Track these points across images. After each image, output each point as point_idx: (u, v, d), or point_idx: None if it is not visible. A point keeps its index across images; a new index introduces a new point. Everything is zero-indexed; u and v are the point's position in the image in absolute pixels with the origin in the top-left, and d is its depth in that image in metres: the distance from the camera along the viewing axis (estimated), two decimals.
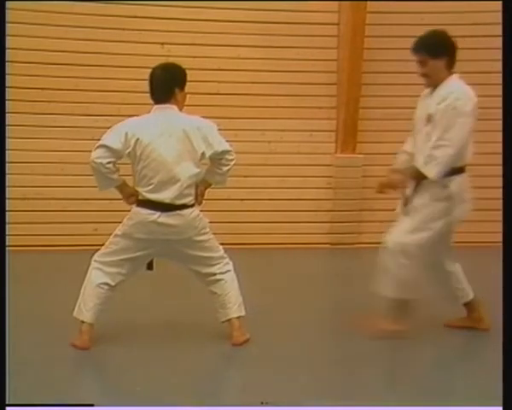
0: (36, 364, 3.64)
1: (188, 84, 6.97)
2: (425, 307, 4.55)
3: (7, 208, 4.14)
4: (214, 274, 4.07)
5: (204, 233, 4.04)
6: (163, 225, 3.91)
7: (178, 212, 3.91)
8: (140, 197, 3.97)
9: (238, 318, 4.03)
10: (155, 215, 3.90)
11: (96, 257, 4.08)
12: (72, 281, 5.61)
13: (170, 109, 3.94)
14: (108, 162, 3.93)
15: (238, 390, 3.50)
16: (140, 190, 3.96)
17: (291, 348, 3.99)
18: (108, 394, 3.29)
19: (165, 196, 3.88)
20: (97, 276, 4.03)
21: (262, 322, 4.39)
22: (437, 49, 4.02)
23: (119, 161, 3.95)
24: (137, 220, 3.95)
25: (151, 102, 4.05)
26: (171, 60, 6.91)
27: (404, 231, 4.05)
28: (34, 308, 4.73)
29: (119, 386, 3.40)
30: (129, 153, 3.93)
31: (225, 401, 3.27)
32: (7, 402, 2.82)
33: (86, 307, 4.01)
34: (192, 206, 3.96)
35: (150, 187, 3.92)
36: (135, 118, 4.01)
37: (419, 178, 3.97)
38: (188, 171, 3.87)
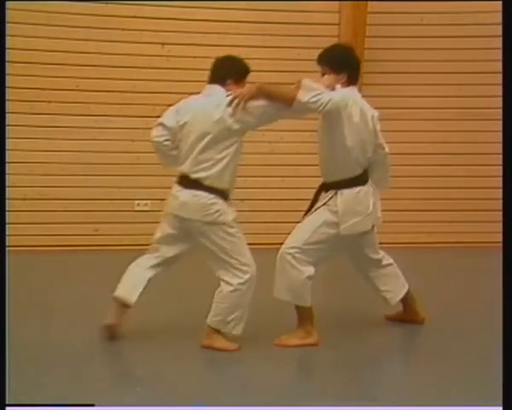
0: (36, 364, 3.64)
1: (188, 84, 7.02)
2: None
3: (7, 208, 4.15)
4: (221, 279, 3.96)
5: (215, 223, 3.88)
6: (176, 199, 3.93)
7: (194, 191, 3.87)
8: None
9: (215, 329, 3.92)
10: (175, 189, 3.97)
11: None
12: (72, 281, 5.63)
13: (213, 89, 3.93)
14: (166, 140, 4.00)
15: (238, 390, 3.49)
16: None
17: (291, 349, 3.98)
18: (108, 394, 3.29)
19: (183, 167, 3.92)
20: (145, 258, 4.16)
21: (262, 322, 4.39)
22: (338, 64, 4.03)
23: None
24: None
25: (152, 102, 4.06)
26: (171, 60, 7.00)
27: (294, 237, 4.07)
28: (34, 308, 4.73)
29: (119, 386, 3.40)
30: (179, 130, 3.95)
31: (225, 400, 3.26)
32: (7, 402, 2.82)
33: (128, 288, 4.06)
34: (213, 192, 3.88)
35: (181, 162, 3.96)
36: (191, 97, 4.05)
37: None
38: (208, 144, 3.83)
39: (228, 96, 3.84)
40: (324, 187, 4.15)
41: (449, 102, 7.25)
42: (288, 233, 4.20)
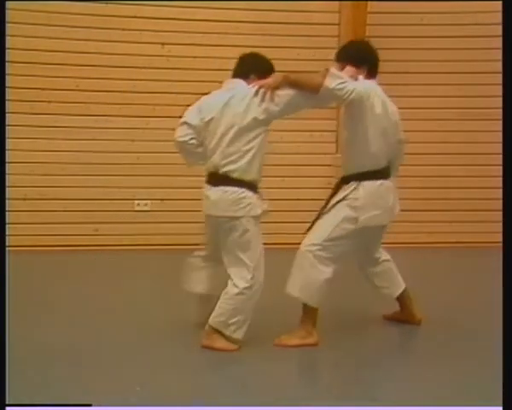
0: (36, 364, 3.64)
1: (188, 84, 7.03)
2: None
3: (7, 208, 4.15)
4: (230, 279, 3.92)
5: (247, 217, 3.86)
6: (208, 199, 3.93)
7: (224, 187, 3.86)
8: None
9: (214, 329, 3.90)
10: (205, 188, 3.96)
11: None
12: (72, 281, 5.63)
13: (235, 83, 3.95)
14: (191, 138, 4.00)
15: (238, 390, 3.49)
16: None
17: (291, 349, 3.98)
18: (108, 394, 3.29)
19: (210, 163, 3.91)
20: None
21: (262, 322, 4.39)
22: (358, 59, 4.03)
23: None
24: None
25: (152, 102, 4.06)
26: (171, 60, 7.00)
27: (314, 234, 4.06)
28: (34, 308, 4.73)
29: (119, 386, 3.40)
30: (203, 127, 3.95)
31: (225, 400, 3.27)
32: (7, 402, 2.82)
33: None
34: (243, 185, 3.87)
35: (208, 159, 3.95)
36: (212, 93, 4.03)
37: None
38: (235, 137, 3.83)
39: (253, 87, 3.84)
40: (344, 180, 4.14)
41: (449, 102, 7.25)
42: (289, 233, 4.20)
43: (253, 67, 3.98)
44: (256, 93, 3.82)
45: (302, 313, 4.07)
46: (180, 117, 4.09)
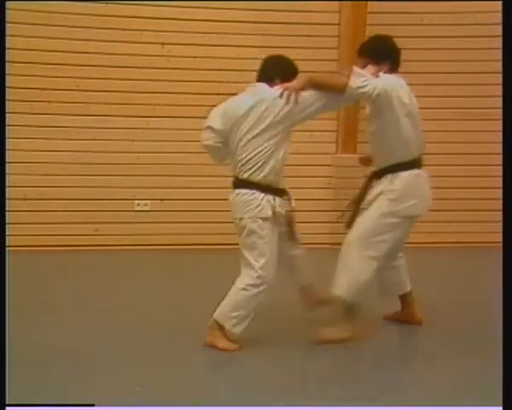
0: (36, 364, 3.64)
1: (188, 84, 7.02)
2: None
3: (7, 208, 4.15)
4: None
5: (256, 218, 3.88)
6: (230, 202, 4.01)
7: (238, 190, 3.94)
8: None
9: (217, 324, 3.94)
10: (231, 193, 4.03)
11: None
12: (72, 281, 5.63)
13: (258, 87, 3.95)
14: (216, 142, 4.05)
15: (238, 390, 3.49)
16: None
17: (291, 349, 3.98)
18: (108, 394, 3.29)
19: (233, 169, 3.98)
20: None
21: (262, 322, 4.39)
22: (380, 55, 4.07)
23: None
24: None
25: (152, 102, 4.05)
26: (171, 60, 7.00)
27: (357, 232, 4.07)
28: (34, 308, 4.74)
29: (119, 386, 3.40)
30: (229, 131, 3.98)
31: (225, 400, 3.27)
32: (7, 402, 2.83)
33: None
34: (253, 187, 3.90)
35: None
36: (237, 96, 4.04)
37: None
38: (248, 142, 3.87)
39: (277, 89, 3.84)
40: (377, 175, 4.15)
41: (449, 102, 7.24)
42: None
43: (277, 70, 3.98)
44: (280, 96, 3.82)
45: (341, 310, 4.08)
46: (180, 117, 4.09)
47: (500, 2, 3.83)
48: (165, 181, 7.07)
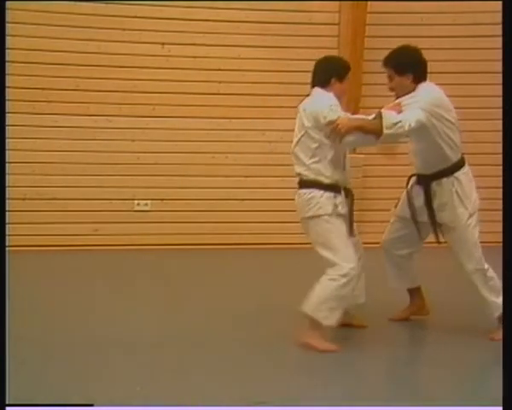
0: (36, 364, 3.64)
1: (188, 84, 7.03)
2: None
3: (7, 208, 4.14)
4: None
5: (316, 216, 3.96)
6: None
7: (299, 190, 4.05)
8: None
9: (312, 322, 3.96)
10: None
11: None
12: (72, 281, 5.63)
13: (314, 91, 4.08)
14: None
15: (238, 390, 3.49)
16: None
17: (292, 349, 3.98)
18: (108, 394, 3.29)
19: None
20: None
21: (262, 322, 4.39)
22: (402, 67, 4.11)
23: None
24: None
25: (151, 102, 4.05)
26: (171, 60, 7.00)
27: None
28: (34, 308, 4.73)
29: (120, 386, 3.40)
30: None
31: (225, 400, 3.26)
32: (7, 402, 2.82)
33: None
34: (311, 186, 3.98)
35: None
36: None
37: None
38: (303, 139, 4.00)
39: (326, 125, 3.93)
40: (427, 178, 4.21)
41: None
42: (289, 233, 4.20)
43: (332, 72, 4.07)
44: (329, 133, 3.91)
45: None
46: (180, 117, 4.09)
47: (500, 3, 3.83)
48: (165, 181, 7.07)
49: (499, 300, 3.95)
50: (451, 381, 3.55)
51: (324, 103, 3.95)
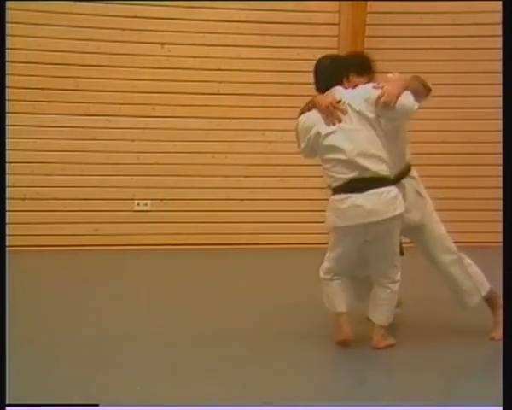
0: (36, 364, 3.64)
1: (188, 84, 7.03)
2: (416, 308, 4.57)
3: (7, 208, 4.14)
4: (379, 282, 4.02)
5: (400, 216, 3.97)
6: (356, 206, 3.98)
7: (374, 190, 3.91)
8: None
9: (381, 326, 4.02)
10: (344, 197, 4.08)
11: None
12: (72, 281, 5.63)
13: (333, 90, 3.90)
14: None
15: (238, 390, 3.49)
16: None
17: (293, 349, 3.98)
18: (108, 394, 3.29)
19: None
20: None
21: (262, 322, 4.39)
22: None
23: None
24: None
25: (151, 102, 4.04)
26: (171, 60, 7.00)
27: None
28: (34, 308, 4.73)
29: (120, 386, 3.40)
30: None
31: (225, 400, 3.26)
32: (7, 402, 2.82)
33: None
34: (388, 184, 3.96)
35: None
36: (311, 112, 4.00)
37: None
38: (369, 143, 3.89)
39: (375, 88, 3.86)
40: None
41: (449, 102, 7.24)
42: (288, 233, 4.20)
43: (349, 67, 3.99)
44: (378, 99, 3.81)
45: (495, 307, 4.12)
46: (180, 117, 4.09)
47: (500, 3, 3.83)
48: (165, 181, 7.08)
49: (483, 285, 4.12)
50: (451, 381, 3.55)
51: (366, 88, 3.89)
